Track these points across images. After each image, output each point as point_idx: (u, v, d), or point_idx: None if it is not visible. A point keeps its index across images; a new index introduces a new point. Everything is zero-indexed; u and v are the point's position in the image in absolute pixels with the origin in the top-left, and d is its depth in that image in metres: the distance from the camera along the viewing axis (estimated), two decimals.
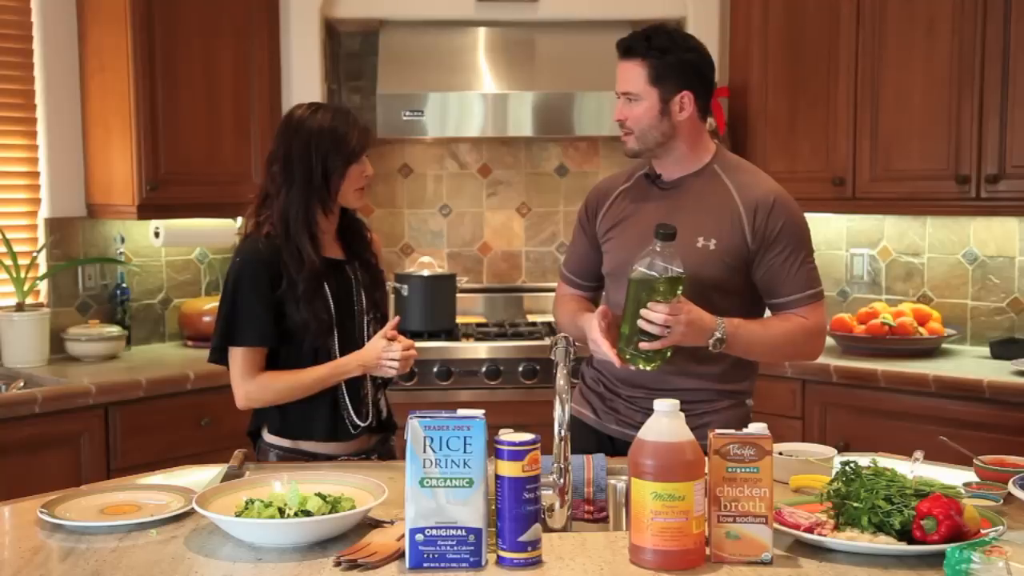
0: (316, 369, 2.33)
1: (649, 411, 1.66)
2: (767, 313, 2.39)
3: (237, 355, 2.32)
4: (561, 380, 1.87)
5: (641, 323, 2.09)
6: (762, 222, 2.27)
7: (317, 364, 2.34)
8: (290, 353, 2.35)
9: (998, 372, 3.36)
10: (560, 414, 1.83)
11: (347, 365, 2.34)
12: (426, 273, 3.94)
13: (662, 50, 2.27)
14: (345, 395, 2.37)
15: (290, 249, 2.32)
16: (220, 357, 2.36)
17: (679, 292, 2.11)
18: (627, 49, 2.29)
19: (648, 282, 2.10)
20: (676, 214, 2.27)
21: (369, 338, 2.39)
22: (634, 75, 2.28)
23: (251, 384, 2.32)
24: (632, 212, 2.39)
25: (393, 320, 2.41)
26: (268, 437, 2.41)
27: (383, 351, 2.33)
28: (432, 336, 3.83)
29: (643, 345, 2.11)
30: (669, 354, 2.15)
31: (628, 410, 2.35)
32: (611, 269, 2.40)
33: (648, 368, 2.16)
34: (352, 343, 2.38)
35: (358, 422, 2.38)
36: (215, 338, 2.35)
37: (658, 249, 2.09)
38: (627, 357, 2.16)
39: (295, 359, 2.35)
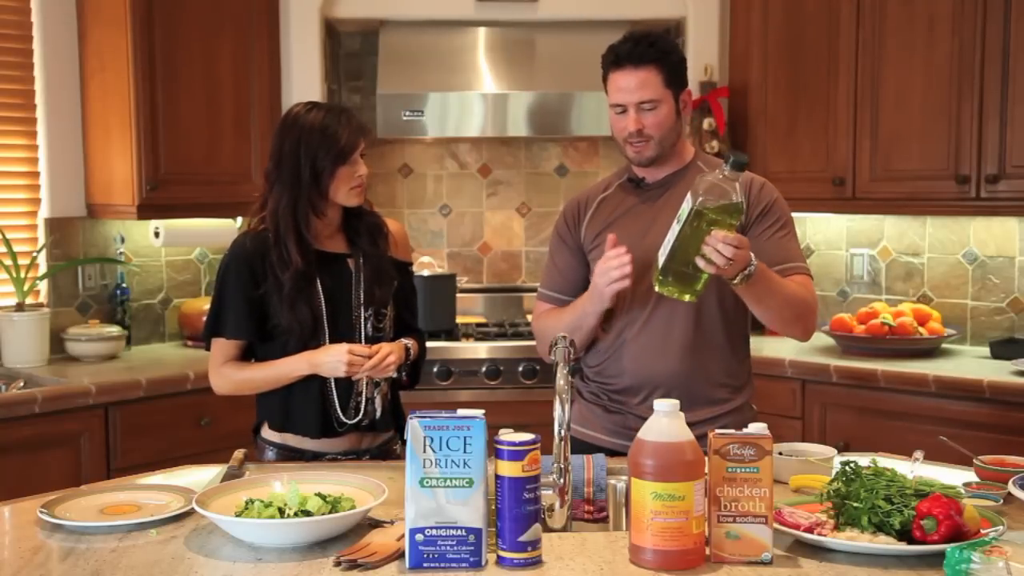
0: (268, 366, 2.35)
1: None
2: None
3: (213, 344, 2.39)
4: (561, 380, 1.87)
5: (707, 251, 1.99)
6: (755, 196, 2.32)
7: None
8: (269, 350, 2.36)
9: (998, 372, 3.35)
10: (560, 414, 1.83)
11: (295, 363, 2.32)
12: (426, 273, 3.94)
13: (667, 52, 2.30)
14: (333, 391, 2.36)
15: (279, 249, 2.32)
16: (207, 345, 2.44)
17: (737, 223, 2.04)
18: (639, 57, 2.26)
19: (714, 211, 1.97)
20: (669, 208, 2.25)
21: (362, 332, 2.38)
22: (652, 81, 2.27)
23: (216, 373, 2.39)
24: (620, 215, 2.39)
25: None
26: (265, 433, 2.43)
27: (347, 355, 2.27)
28: (432, 336, 3.83)
29: (701, 264, 2.01)
30: (701, 287, 2.09)
31: (637, 420, 2.31)
32: None
33: (686, 299, 2.10)
34: (344, 337, 2.36)
35: (344, 419, 2.37)
36: (204, 330, 2.44)
37: (726, 174, 1.98)
38: (659, 282, 2.07)
39: (276, 356, 2.35)
